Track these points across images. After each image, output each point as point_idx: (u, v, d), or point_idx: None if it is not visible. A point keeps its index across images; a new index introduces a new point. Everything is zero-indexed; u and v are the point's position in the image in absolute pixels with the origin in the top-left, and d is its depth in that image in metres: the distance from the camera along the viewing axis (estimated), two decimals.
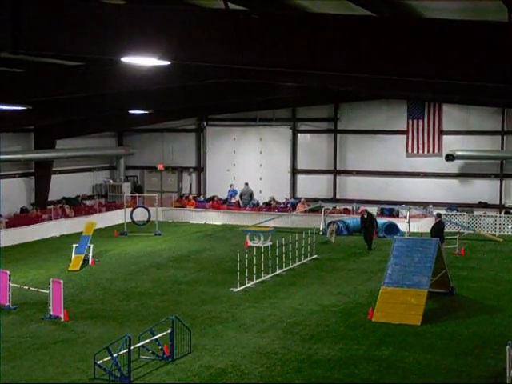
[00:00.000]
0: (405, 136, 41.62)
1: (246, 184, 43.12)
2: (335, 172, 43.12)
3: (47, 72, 25.14)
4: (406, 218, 36.81)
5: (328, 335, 19.91)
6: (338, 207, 40.93)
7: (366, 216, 33.46)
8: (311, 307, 22.90)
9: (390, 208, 39.79)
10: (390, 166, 41.98)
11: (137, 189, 45.12)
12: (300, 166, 43.96)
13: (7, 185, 38.21)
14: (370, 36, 11.92)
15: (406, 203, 38.77)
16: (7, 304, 22.42)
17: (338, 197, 42.91)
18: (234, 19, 12.78)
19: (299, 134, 44.06)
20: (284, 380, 16.37)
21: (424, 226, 36.25)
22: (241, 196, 43.09)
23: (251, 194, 42.98)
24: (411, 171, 41.63)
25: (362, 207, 35.39)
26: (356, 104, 42.25)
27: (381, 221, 37.43)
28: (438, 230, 28.37)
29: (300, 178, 44.04)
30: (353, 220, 38.11)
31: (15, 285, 22.93)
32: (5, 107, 30.07)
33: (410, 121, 41.45)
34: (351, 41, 12.05)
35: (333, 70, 14.41)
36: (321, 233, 36.59)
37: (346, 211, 40.31)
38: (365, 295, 24.35)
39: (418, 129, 41.30)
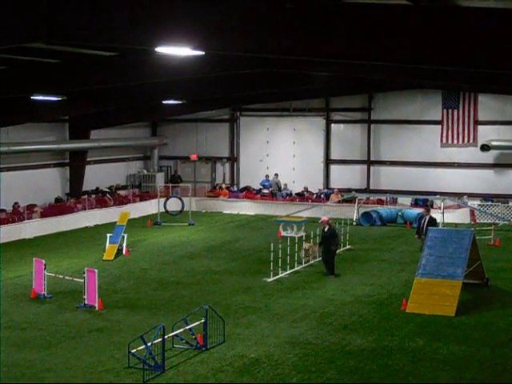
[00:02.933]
0: (439, 126, 41.29)
1: (275, 175, 43.15)
2: (369, 162, 42.93)
3: (82, 63, 25.23)
4: (440, 208, 36.55)
5: (361, 326, 19.86)
6: (371, 198, 40.74)
7: (326, 229, 26.02)
8: (344, 297, 22.84)
9: (424, 199, 39.53)
10: (424, 157, 41.69)
11: (175, 179, 45.07)
12: (333, 156, 43.81)
13: (42, 175, 38.56)
14: (407, 25, 11.84)
15: (441, 194, 38.50)
16: (43, 293, 22.63)
17: (371, 187, 42.74)
18: (269, 9, 12.75)
19: (333, 124, 43.92)
20: (317, 370, 16.35)
21: (459, 216, 36.01)
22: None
23: (277, 185, 42.96)
24: (446, 162, 41.33)
25: (324, 217, 26.91)
26: (390, 94, 41.97)
27: (414, 211, 37.26)
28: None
29: (333, 168, 43.90)
30: (386, 210, 38.02)
31: (50, 274, 23.12)
32: (40, 98, 30.28)
33: (445, 111, 41.11)
34: (388, 30, 11.98)
35: (369, 60, 14.34)
36: (354, 223, 36.51)
37: (380, 202, 40.12)
38: (398, 286, 24.25)
39: (452, 119, 40.95)
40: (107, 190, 42.06)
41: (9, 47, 19.23)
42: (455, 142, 41.10)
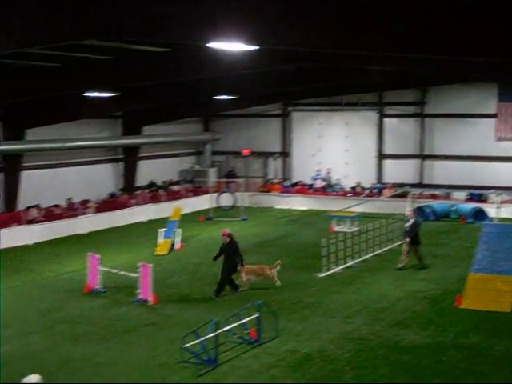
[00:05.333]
0: (494, 120, 40.71)
1: (328, 170, 43.06)
2: (422, 157, 42.51)
3: (135, 59, 25.43)
4: (495, 203, 36.03)
5: (415, 321, 19.69)
6: (424, 192, 40.34)
7: (226, 241, 23.12)
8: (398, 293, 22.68)
9: (479, 193, 39.03)
10: (479, 150, 41.10)
11: (231, 175, 45.09)
12: (386, 150, 43.47)
13: (96, 170, 38.96)
14: (461, 19, 11.68)
15: (496, 188, 37.96)
16: (97, 287, 22.87)
17: (425, 182, 42.29)
18: (321, 3, 12.68)
19: (386, 119, 43.56)
20: (371, 366, 16.26)
21: None
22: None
23: (324, 180, 42.83)
24: (501, 155, 40.68)
25: (225, 230, 23.78)
26: (444, 87, 41.45)
27: (469, 206, 36.84)
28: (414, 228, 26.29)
29: (386, 162, 43.56)
30: (440, 205, 37.63)
31: (105, 268, 23.35)
32: (94, 94, 30.57)
33: (501, 104, 40.50)
34: (441, 23, 11.84)
35: (422, 53, 14.20)
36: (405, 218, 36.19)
37: (433, 196, 39.73)
38: (452, 281, 23.99)
39: (508, 112, 40.33)
40: (161, 184, 42.30)
41: (63, 44, 19.41)
42: (511, 135, 40.46)
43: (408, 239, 25.89)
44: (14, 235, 30.77)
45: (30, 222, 32.21)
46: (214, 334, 16.42)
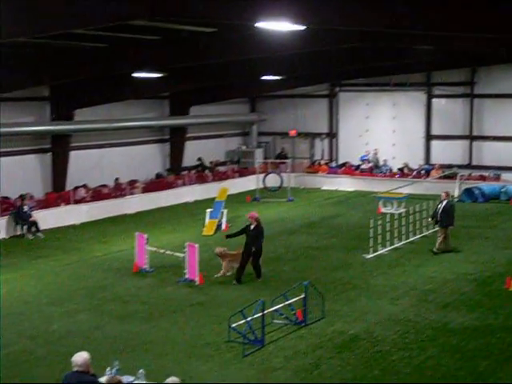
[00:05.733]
0: None
1: (375, 151, 42.77)
2: (471, 137, 41.94)
3: (182, 39, 25.44)
4: None
5: (463, 304, 19.51)
6: (473, 174, 39.88)
7: (252, 226, 22.18)
8: (446, 275, 22.48)
9: None
10: None
11: (281, 156, 44.89)
12: (434, 131, 43.00)
13: (143, 151, 39.16)
14: None
15: None
16: (145, 267, 23.03)
17: (473, 163, 41.75)
18: None
19: (434, 99, 43.06)
20: (418, 348, 16.16)
21: None
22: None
23: (371, 161, 42.54)
24: None
25: (253, 213, 22.76)
26: (494, 67, 40.76)
27: None
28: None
29: (434, 143, 43.09)
30: (489, 187, 37.18)
31: (152, 248, 23.49)
32: (142, 75, 30.68)
33: None
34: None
35: (472, 32, 13.99)
36: (456, 200, 35.88)
37: (482, 178, 39.27)
38: (502, 264, 23.74)
39: None
40: (208, 165, 42.34)
41: (111, 25, 19.48)
42: None
43: (451, 226, 25.32)
44: (63, 215, 31.13)
45: (78, 201, 32.51)
46: (260, 315, 16.44)
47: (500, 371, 14.87)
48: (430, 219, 26.69)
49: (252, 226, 22.05)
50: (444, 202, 25.51)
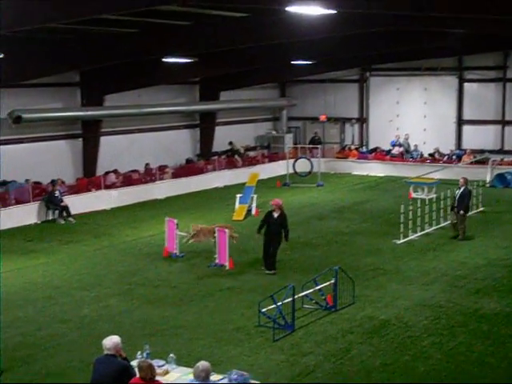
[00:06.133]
0: None
1: (406, 136, 42.51)
2: (503, 122, 41.52)
3: (213, 24, 25.40)
4: None
5: (495, 289, 19.35)
6: (505, 159, 39.51)
7: (275, 214, 21.12)
8: (477, 261, 22.32)
9: None
10: None
11: (315, 141, 44.73)
12: (466, 116, 42.64)
13: (173, 136, 39.24)
14: None
15: None
16: (175, 252, 23.08)
17: (506, 148, 41.36)
18: None
19: (466, 84, 42.67)
20: (449, 334, 16.07)
21: None
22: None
23: (402, 146, 42.27)
24: None
25: (278, 200, 21.59)
26: None
27: None
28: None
29: (466, 128, 42.72)
30: None
31: (182, 233, 23.54)
32: (172, 60, 30.68)
33: None
34: None
35: (504, 15, 13.80)
36: (488, 185, 35.60)
37: None
38: None
39: None
40: (239, 149, 42.27)
41: (142, 10, 19.49)
42: None
43: (462, 212, 24.83)
44: (93, 200, 31.28)
45: (109, 187, 32.66)
46: (290, 300, 16.43)
47: None
48: (450, 209, 25.80)
49: (276, 214, 21.03)
50: (462, 189, 25.12)
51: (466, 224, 25.15)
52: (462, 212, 24.87)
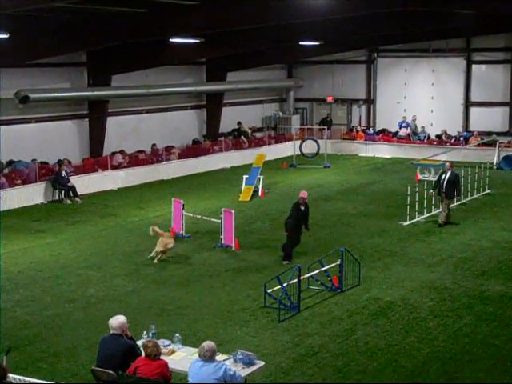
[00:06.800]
0: None
1: (413, 117, 42.41)
2: (511, 104, 41.39)
3: (220, 4, 25.30)
4: None
5: (501, 272, 19.37)
6: None
7: (303, 207, 20.41)
8: (483, 243, 22.32)
9: None
10: None
11: (326, 122, 44.59)
12: (474, 98, 42.47)
13: (180, 117, 39.19)
14: None
15: None
16: (181, 232, 23.13)
17: None
18: None
19: (474, 65, 42.48)
20: (454, 315, 16.09)
21: None
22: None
23: (409, 128, 42.19)
24: None
25: (306, 193, 20.60)
26: None
27: None
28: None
29: (473, 110, 42.58)
30: None
31: (188, 214, 23.58)
32: (179, 40, 30.61)
33: None
34: None
35: None
36: (495, 167, 35.54)
37: None
38: None
39: None
40: (248, 130, 42.18)
41: None
42: None
43: (458, 197, 24.64)
44: (100, 180, 31.34)
45: (115, 167, 32.68)
46: (296, 280, 16.46)
47: None
48: (431, 191, 25.25)
49: (303, 208, 20.37)
50: (448, 173, 24.55)
51: (450, 208, 24.89)
52: (457, 197, 24.67)
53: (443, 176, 24.67)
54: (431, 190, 25.24)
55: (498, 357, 13.94)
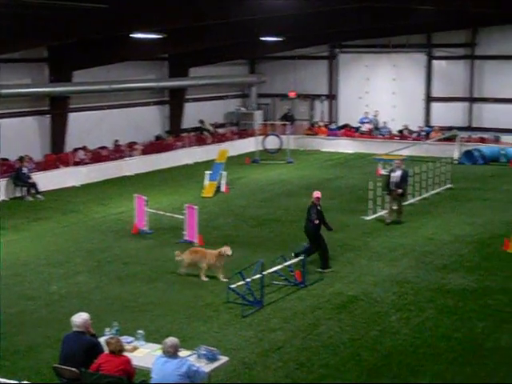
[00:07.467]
0: None
1: (375, 113, 42.66)
2: (471, 100, 41.78)
3: (181, 0, 25.25)
4: None
5: (462, 265, 19.57)
6: (473, 136, 39.81)
7: (319, 206, 19.77)
8: (444, 237, 22.54)
9: None
10: None
11: (288, 118, 44.72)
12: (435, 93, 42.83)
13: (143, 113, 39.02)
14: None
15: None
16: (144, 228, 23.06)
17: (473, 125, 41.64)
18: None
19: (434, 61, 42.81)
20: (416, 309, 16.25)
21: None
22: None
23: (371, 123, 42.45)
24: None
25: (317, 193, 19.95)
26: (495, 28, 40.43)
27: None
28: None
29: (434, 105, 42.94)
30: (489, 149, 37.17)
31: (151, 210, 23.52)
32: (141, 36, 30.48)
33: None
34: None
35: None
36: (456, 162, 35.87)
37: (482, 140, 39.23)
38: (500, 226, 23.74)
39: None
40: (210, 127, 42.16)
41: None
42: None
43: (400, 190, 24.18)
44: (62, 177, 31.13)
45: (77, 163, 32.49)
46: (259, 276, 16.50)
47: (497, 332, 14.96)
48: (383, 191, 24.88)
49: (319, 206, 19.74)
50: (398, 171, 24.37)
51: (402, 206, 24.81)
52: (399, 191, 24.19)
53: (394, 174, 24.36)
54: (383, 191, 24.86)
55: (459, 350, 14.10)
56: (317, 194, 19.85)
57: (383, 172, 31.76)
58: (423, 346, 14.25)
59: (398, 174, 24.31)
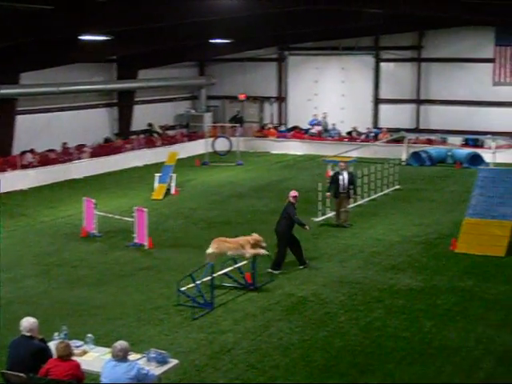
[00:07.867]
0: (491, 64, 40.40)
1: (324, 114, 42.90)
2: (418, 101, 42.32)
3: (130, 1, 25.13)
4: (490, 148, 36.01)
5: (410, 266, 19.79)
6: (420, 137, 40.27)
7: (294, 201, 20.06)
8: (393, 237, 22.77)
9: (475, 138, 39.02)
10: (475, 96, 40.81)
11: (237, 120, 44.74)
12: (383, 95, 43.28)
13: (91, 115, 38.76)
14: None
15: (492, 133, 37.92)
16: (93, 232, 22.91)
17: (421, 127, 42.17)
18: None
19: (382, 63, 43.27)
20: (365, 309, 16.38)
21: (511, 156, 35.45)
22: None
23: (320, 125, 42.73)
24: (497, 101, 40.35)
25: (294, 192, 20.32)
26: (441, 31, 41.09)
27: (465, 151, 36.84)
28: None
29: (383, 107, 43.39)
30: (436, 150, 37.62)
31: (100, 213, 23.36)
32: (88, 38, 30.27)
33: (498, 48, 40.14)
34: None
35: None
36: (404, 163, 36.22)
37: (429, 141, 39.71)
38: (448, 226, 24.04)
39: (506, 56, 40.01)
40: (159, 130, 42.06)
41: None
42: (508, 80, 40.21)
43: (352, 192, 24.45)
44: (9, 180, 30.70)
45: (25, 166, 32.14)
46: (209, 278, 16.51)
47: (444, 331, 15.15)
48: (327, 193, 24.68)
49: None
50: (345, 173, 24.25)
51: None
52: (354, 195, 24.72)
53: (341, 177, 24.28)
54: (327, 193, 24.74)
55: (407, 349, 14.24)
56: (293, 193, 20.13)
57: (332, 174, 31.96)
58: (372, 346, 14.38)
59: (345, 176, 24.32)
